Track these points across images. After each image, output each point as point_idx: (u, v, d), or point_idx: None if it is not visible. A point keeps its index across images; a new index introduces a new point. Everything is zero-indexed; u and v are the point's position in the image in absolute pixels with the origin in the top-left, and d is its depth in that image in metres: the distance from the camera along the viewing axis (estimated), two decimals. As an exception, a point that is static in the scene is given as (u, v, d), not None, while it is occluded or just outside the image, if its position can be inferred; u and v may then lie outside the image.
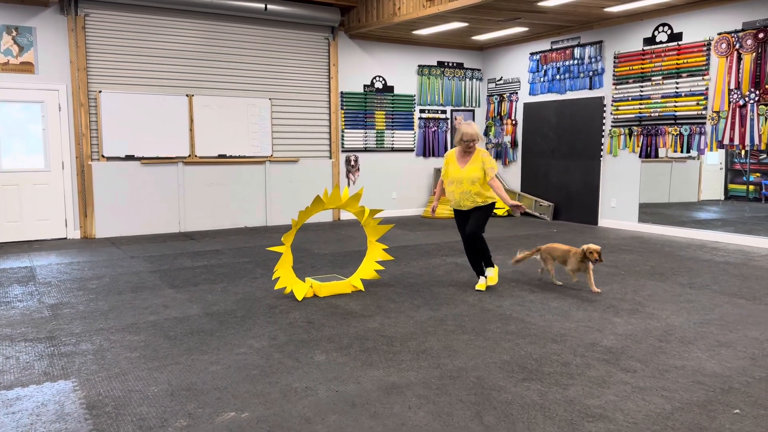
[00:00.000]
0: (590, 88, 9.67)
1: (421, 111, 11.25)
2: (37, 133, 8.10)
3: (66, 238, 8.33)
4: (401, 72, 10.97)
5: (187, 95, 8.94)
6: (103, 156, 8.41)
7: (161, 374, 3.50)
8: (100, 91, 8.33)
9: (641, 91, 8.91)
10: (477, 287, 5.49)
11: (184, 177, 9.00)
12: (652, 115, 8.77)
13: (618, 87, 9.23)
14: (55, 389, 3.30)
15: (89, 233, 8.43)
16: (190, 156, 9.03)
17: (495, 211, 10.86)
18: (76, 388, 3.32)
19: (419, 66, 11.12)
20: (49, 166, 8.16)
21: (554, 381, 3.39)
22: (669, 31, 8.53)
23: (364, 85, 10.60)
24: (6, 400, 3.17)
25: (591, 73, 9.63)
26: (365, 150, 10.69)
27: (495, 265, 5.64)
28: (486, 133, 11.83)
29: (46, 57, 8.01)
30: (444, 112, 11.50)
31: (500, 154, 11.48)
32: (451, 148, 5.80)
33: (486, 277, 5.54)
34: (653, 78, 8.73)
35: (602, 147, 9.55)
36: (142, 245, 7.85)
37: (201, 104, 9.04)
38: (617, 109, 9.25)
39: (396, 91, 10.94)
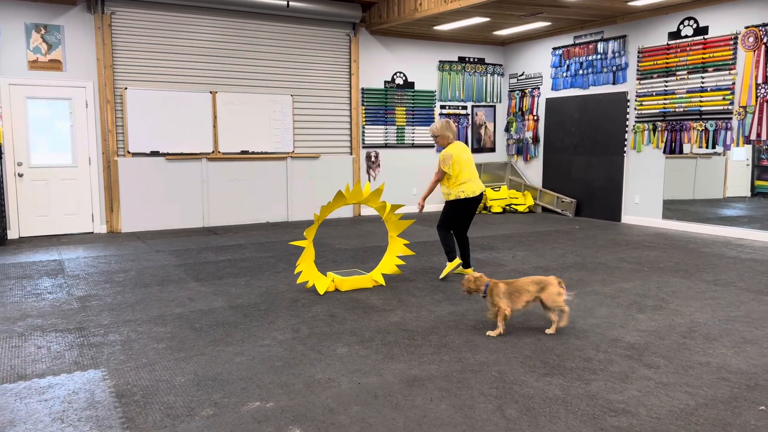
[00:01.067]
0: (614, 83, 9.58)
1: (442, 107, 11.24)
2: (65, 130, 8.26)
3: (93, 233, 8.49)
4: (422, 68, 10.97)
5: (210, 92, 9.05)
6: (128, 152, 8.56)
7: (187, 365, 3.57)
8: (126, 88, 8.47)
9: (666, 86, 8.80)
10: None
11: (207, 173, 9.12)
12: (677, 110, 8.66)
13: (642, 82, 9.13)
14: (85, 378, 3.39)
15: (115, 228, 8.59)
16: (213, 152, 9.14)
17: (515, 207, 10.83)
18: (106, 377, 3.40)
19: (440, 61, 11.11)
20: (77, 162, 8.32)
21: (576, 376, 3.39)
22: (695, 25, 8.41)
23: (385, 81, 10.62)
24: (39, 388, 3.26)
25: (614, 68, 9.53)
26: (386, 146, 10.71)
27: (451, 261, 5.72)
28: (507, 129, 11.78)
29: (73, 54, 8.17)
30: (465, 107, 11.48)
31: (521, 150, 11.43)
32: (459, 143, 5.84)
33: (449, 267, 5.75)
34: (678, 73, 8.62)
35: (626, 142, 9.46)
36: (167, 239, 7.97)
37: (224, 101, 9.14)
38: (641, 104, 9.15)
39: (417, 87, 10.95)
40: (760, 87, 7.68)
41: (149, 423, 2.85)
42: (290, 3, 9.13)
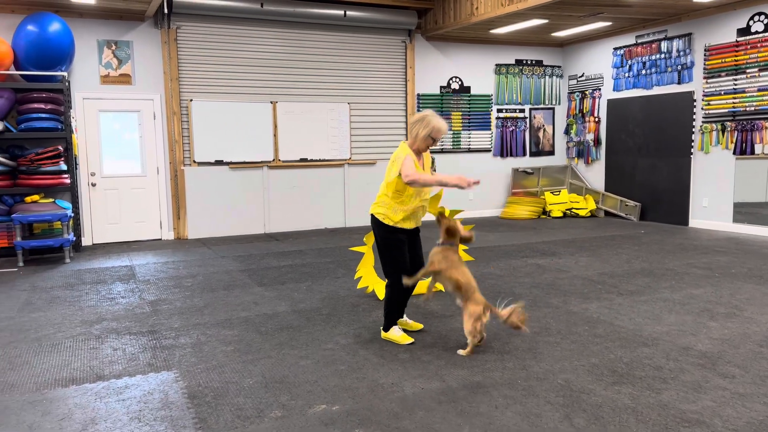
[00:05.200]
0: (679, 83, 9.26)
1: (499, 110, 11.13)
2: (134, 141, 8.63)
3: (161, 239, 8.83)
4: (478, 72, 10.90)
5: (271, 102, 9.27)
6: (194, 161, 8.86)
7: (255, 367, 3.67)
8: (191, 100, 8.78)
9: (735, 85, 8.44)
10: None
11: (268, 180, 9.34)
12: (748, 109, 8.29)
13: (709, 81, 8.79)
14: (159, 379, 3.53)
15: (182, 234, 8.90)
16: (274, 160, 9.36)
17: (576, 211, 10.60)
18: (178, 378, 3.53)
19: (496, 65, 11.02)
20: (146, 172, 8.68)
21: (646, 385, 3.30)
22: (766, 20, 8.04)
23: (441, 87, 10.61)
24: (116, 388, 3.42)
25: (679, 67, 9.22)
26: (441, 151, 10.69)
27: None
28: (567, 132, 11.56)
29: (141, 69, 8.53)
30: (522, 111, 11.33)
31: (582, 153, 11.19)
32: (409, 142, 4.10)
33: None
34: (748, 70, 8.26)
35: (692, 144, 9.12)
36: (231, 245, 8.20)
37: (284, 110, 9.35)
38: (708, 104, 8.81)
39: (473, 92, 10.89)
40: (839, 83, 7.27)
41: (221, 424, 2.94)
42: (347, 12, 9.27)
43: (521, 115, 11.33)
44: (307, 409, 3.08)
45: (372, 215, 4.06)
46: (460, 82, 10.76)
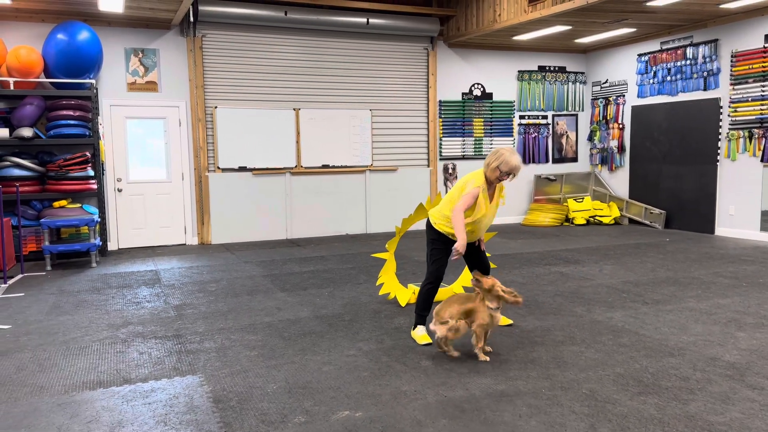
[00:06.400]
0: (704, 89, 9.14)
1: (521, 117, 11.09)
2: (160, 147, 8.76)
3: (185, 244, 8.94)
4: (500, 78, 10.88)
5: (294, 109, 9.35)
6: (218, 167, 8.97)
7: (278, 372, 3.70)
8: (216, 107, 8.89)
9: (763, 91, 8.31)
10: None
11: (290, 186, 9.41)
12: (777, 115, 8.16)
13: (736, 87, 8.66)
14: (184, 383, 3.57)
15: (206, 239, 9.00)
16: (296, 166, 9.43)
17: (600, 218, 10.50)
18: (203, 383, 3.57)
19: (519, 71, 10.98)
20: (171, 177, 8.80)
21: (673, 396, 3.25)
22: (795, 25, 7.91)
23: (463, 93, 10.61)
24: (143, 391, 3.47)
25: (705, 74, 9.10)
26: (463, 158, 10.68)
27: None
28: (591, 138, 11.47)
29: (167, 76, 8.67)
30: (545, 117, 11.28)
31: (606, 160, 11.08)
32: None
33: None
34: (777, 76, 8.13)
35: (719, 151, 8.99)
36: (254, 251, 8.27)
37: (307, 117, 9.43)
38: (735, 111, 8.68)
39: (495, 98, 10.86)
40: None
41: (245, 428, 2.97)
42: (370, 20, 9.32)
43: (544, 121, 11.27)
44: (330, 415, 3.10)
45: (428, 219, 4.55)
46: (482, 89, 10.75)
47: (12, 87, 7.39)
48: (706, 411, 3.06)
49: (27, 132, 7.38)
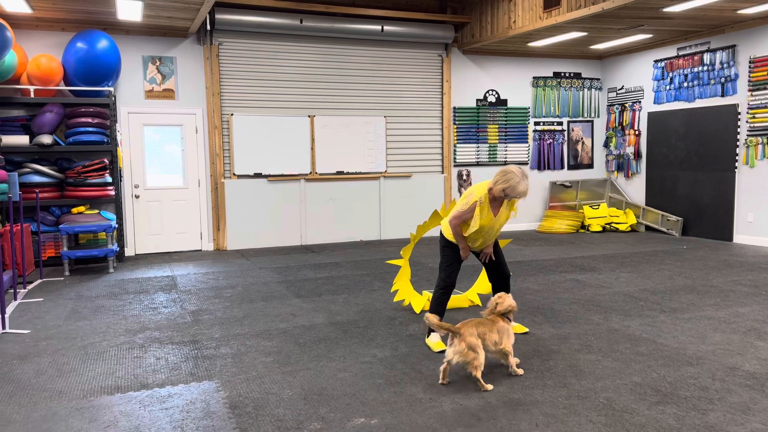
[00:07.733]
0: (722, 96, 9.06)
1: (536, 123, 11.06)
2: (176, 154, 8.85)
3: (201, 250, 9.00)
4: (515, 84, 10.86)
5: (309, 116, 9.40)
6: (234, 174, 9.03)
7: (294, 378, 3.71)
8: (232, 114, 8.96)
9: (782, 97, 8.22)
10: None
11: (305, 193, 9.45)
12: (796, 121, 8.06)
13: (755, 93, 8.58)
14: (200, 389, 3.59)
15: (221, 245, 9.06)
16: (311, 173, 9.47)
17: (616, 225, 10.42)
18: (219, 388, 3.59)
19: (534, 78, 10.96)
20: (187, 184, 8.88)
21: (692, 405, 3.22)
22: (815, 31, 7.83)
23: (477, 100, 10.60)
24: (160, 396, 3.50)
25: (723, 80, 9.02)
26: (477, 164, 10.66)
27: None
28: (606, 145, 11.40)
29: (184, 84, 8.76)
30: (560, 123, 11.23)
31: (622, 166, 11.01)
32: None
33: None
34: (797, 82, 8.03)
35: (737, 157, 8.89)
36: (269, 257, 8.31)
37: (321, 124, 9.47)
38: (754, 117, 8.59)
39: (509, 104, 10.84)
40: None
41: (261, 434, 2.98)
42: (384, 28, 9.36)
43: (559, 127, 11.23)
44: (345, 422, 3.10)
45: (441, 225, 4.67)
46: (496, 95, 10.74)
47: (32, 95, 7.51)
48: (726, 421, 3.02)
49: (47, 139, 7.49)
